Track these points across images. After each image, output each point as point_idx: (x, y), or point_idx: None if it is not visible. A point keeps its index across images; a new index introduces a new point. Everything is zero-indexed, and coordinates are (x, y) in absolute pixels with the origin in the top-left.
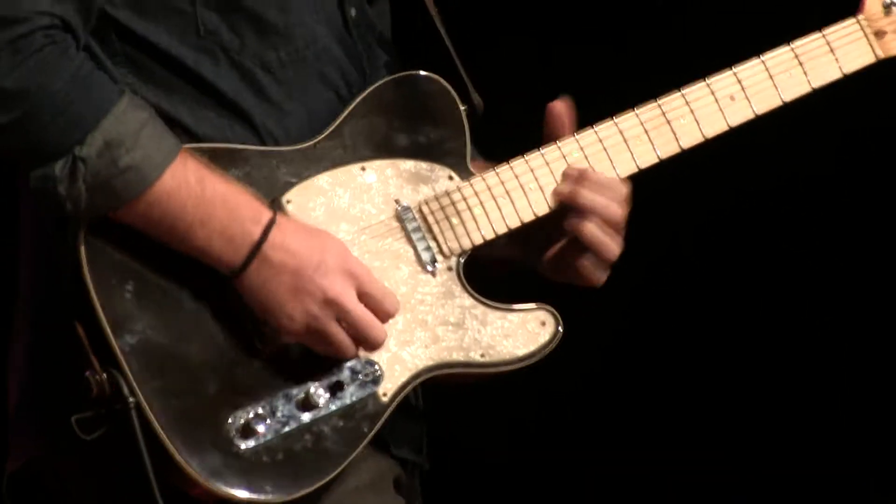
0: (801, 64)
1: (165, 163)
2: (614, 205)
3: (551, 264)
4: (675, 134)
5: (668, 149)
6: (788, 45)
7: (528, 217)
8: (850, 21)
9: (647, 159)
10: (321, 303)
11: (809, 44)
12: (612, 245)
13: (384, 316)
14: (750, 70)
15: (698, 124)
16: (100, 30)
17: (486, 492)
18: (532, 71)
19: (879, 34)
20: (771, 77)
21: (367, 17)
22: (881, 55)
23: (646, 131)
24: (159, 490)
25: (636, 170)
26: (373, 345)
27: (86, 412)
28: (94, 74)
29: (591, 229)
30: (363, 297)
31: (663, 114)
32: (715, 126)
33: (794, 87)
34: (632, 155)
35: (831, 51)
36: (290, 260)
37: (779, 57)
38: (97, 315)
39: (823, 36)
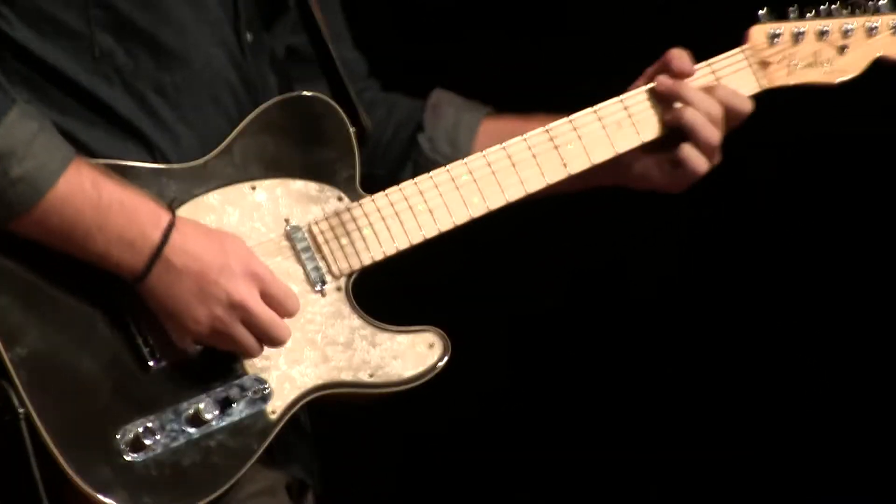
0: None
1: (59, 171)
2: (713, 100)
3: (649, 171)
4: (562, 159)
5: (555, 174)
6: None
7: (417, 239)
8: (736, 51)
9: (535, 183)
10: (226, 305)
11: (695, 72)
12: (713, 129)
13: (287, 315)
14: (637, 98)
15: (585, 150)
16: None
17: None
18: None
19: (764, 64)
20: (656, 105)
21: (264, 41)
22: (765, 85)
23: (534, 156)
24: (49, 501)
25: (525, 193)
26: (278, 343)
27: None
28: None
29: (693, 114)
30: (266, 297)
31: (551, 139)
32: (602, 152)
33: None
34: (519, 178)
35: (717, 80)
36: (192, 263)
37: None
38: None
39: (710, 65)
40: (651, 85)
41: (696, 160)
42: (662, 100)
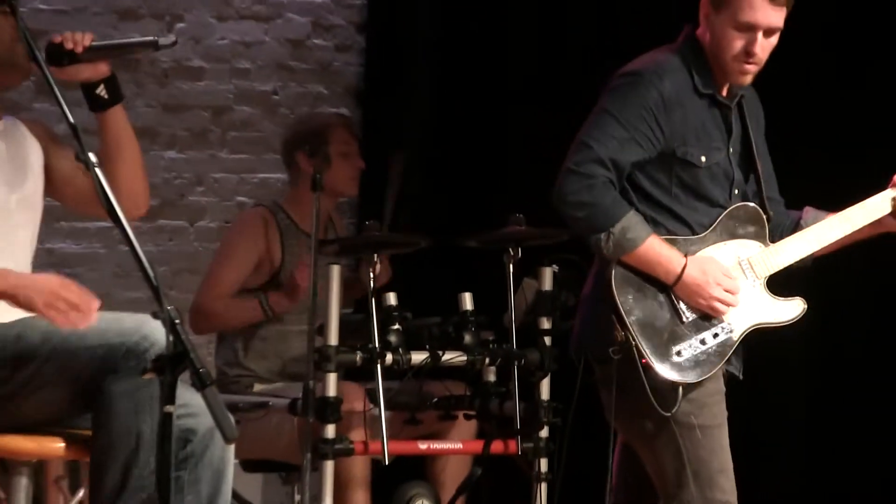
0: None
1: (645, 236)
2: None
3: (876, 229)
4: (865, 217)
5: (863, 221)
6: None
7: (796, 258)
8: None
9: (850, 228)
10: (710, 296)
11: None
12: None
13: (735, 295)
14: (889, 193)
15: (870, 215)
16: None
17: None
18: None
19: None
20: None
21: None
22: None
23: (849, 220)
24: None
25: (847, 233)
26: (733, 306)
27: (614, 348)
28: (619, 197)
29: None
30: (726, 288)
31: (864, 209)
32: (875, 214)
33: None
34: (845, 227)
35: None
36: (693, 279)
37: None
38: (618, 307)
39: None
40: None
41: None
42: None
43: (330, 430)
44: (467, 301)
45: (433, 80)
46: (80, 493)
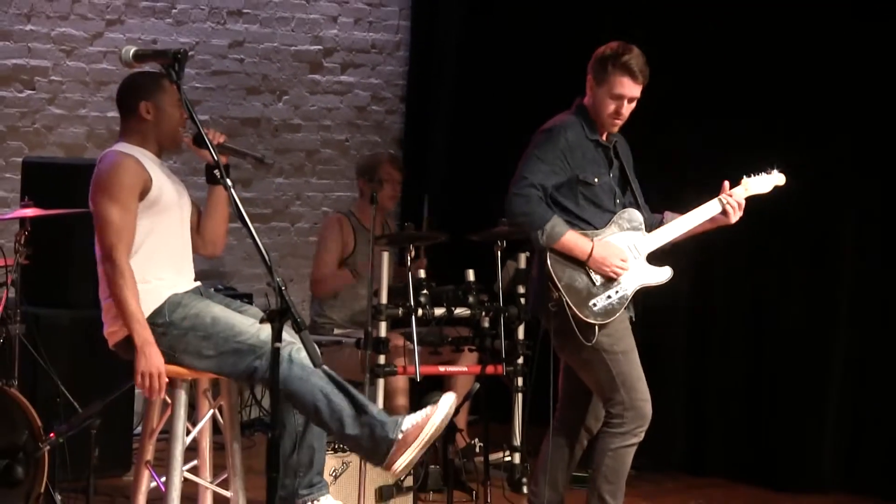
0: None
1: (566, 230)
2: (737, 202)
3: (713, 224)
4: (700, 217)
5: (697, 220)
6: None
7: (668, 240)
8: (740, 187)
9: (694, 222)
10: (613, 265)
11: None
12: (738, 205)
13: (626, 263)
14: (716, 200)
15: (705, 213)
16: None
17: None
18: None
19: (745, 189)
20: (719, 200)
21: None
22: (746, 195)
23: (693, 216)
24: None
25: (693, 225)
26: (627, 269)
27: (552, 303)
28: (549, 207)
29: (730, 198)
30: (622, 261)
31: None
32: (709, 213)
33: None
34: (691, 221)
35: (732, 194)
36: (599, 256)
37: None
38: (553, 277)
39: (733, 190)
40: (722, 196)
41: (731, 214)
42: (723, 196)
43: (381, 359)
44: (471, 275)
45: (451, 134)
46: (221, 401)
